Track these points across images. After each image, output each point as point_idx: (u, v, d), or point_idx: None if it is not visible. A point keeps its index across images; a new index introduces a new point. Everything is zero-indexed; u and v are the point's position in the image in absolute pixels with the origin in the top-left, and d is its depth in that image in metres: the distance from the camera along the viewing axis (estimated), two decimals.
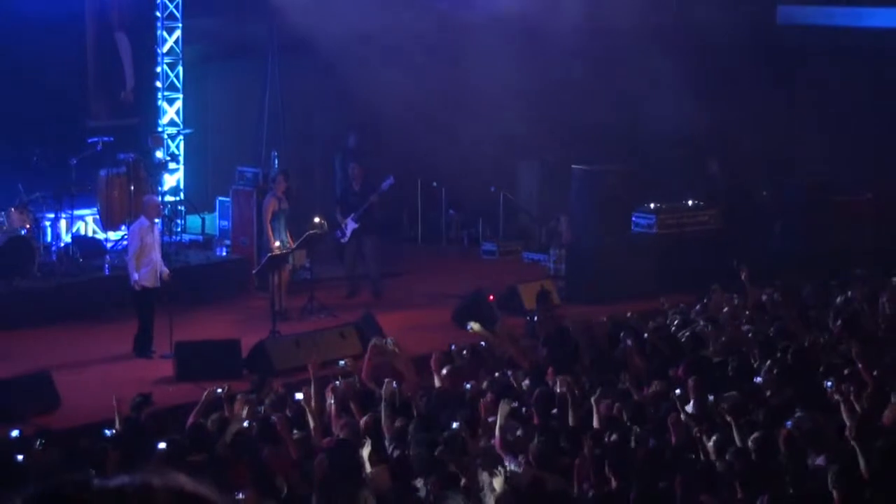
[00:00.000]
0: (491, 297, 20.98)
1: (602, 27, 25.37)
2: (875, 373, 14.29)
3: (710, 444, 12.14)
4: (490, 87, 25.20)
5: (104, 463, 12.16)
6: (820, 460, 11.72)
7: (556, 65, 25.74)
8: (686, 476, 11.30)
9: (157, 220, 19.57)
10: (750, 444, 12.01)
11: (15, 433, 14.07)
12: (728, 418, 12.81)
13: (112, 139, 22.46)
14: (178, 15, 23.67)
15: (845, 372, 14.41)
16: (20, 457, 12.86)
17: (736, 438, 12.20)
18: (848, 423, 12.32)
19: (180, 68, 23.89)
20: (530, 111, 25.27)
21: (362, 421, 13.44)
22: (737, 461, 11.59)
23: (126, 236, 20.28)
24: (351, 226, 22.36)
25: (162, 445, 12.97)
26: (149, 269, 18.80)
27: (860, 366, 14.36)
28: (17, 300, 20.19)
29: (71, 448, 13.11)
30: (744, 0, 26.86)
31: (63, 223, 21.90)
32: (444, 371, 15.42)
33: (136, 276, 18.76)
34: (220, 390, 14.47)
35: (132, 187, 21.92)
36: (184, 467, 12.36)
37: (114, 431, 13.96)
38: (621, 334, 16.97)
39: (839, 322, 16.86)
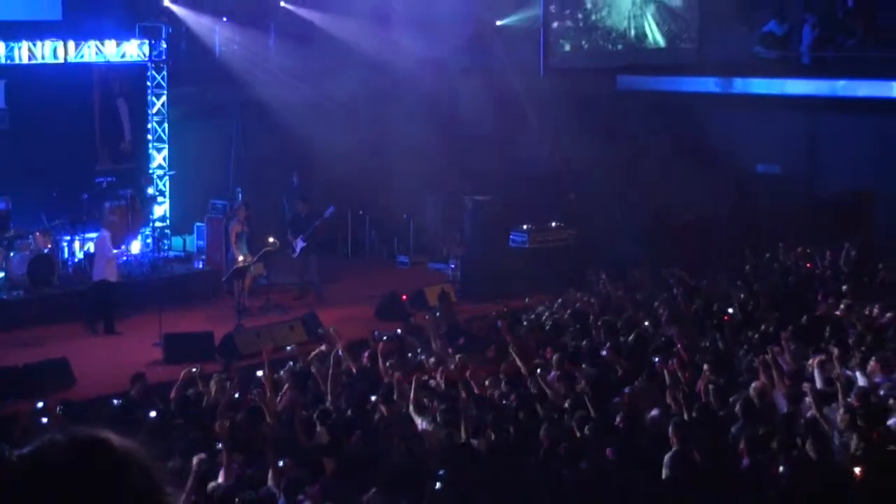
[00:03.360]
0: (404, 297, 21.01)
1: (493, 92, 25.63)
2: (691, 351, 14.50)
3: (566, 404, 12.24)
4: (402, 139, 25.28)
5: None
6: (654, 414, 11.82)
7: (453, 121, 25.88)
8: (551, 429, 11.40)
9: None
10: (599, 404, 12.15)
11: (40, 404, 13.98)
12: (582, 384, 12.94)
13: (114, 179, 22.58)
14: (164, 85, 23.61)
15: (674, 350, 14.56)
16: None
17: (587, 403, 12.32)
18: (670, 389, 12.47)
19: (166, 125, 23.82)
20: (434, 157, 25.33)
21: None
22: (593, 418, 11.70)
23: (95, 245, 20.11)
24: (300, 244, 22.31)
25: (153, 413, 12.89)
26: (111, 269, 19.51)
27: (679, 345, 14.53)
28: (41, 303, 20.01)
29: (82, 416, 13.00)
30: (593, 70, 27.14)
31: (77, 244, 21.71)
32: (367, 353, 15.41)
33: (100, 275, 19.38)
34: (194, 370, 14.39)
35: (130, 216, 22.04)
36: (171, 430, 12.34)
37: (120, 402, 13.92)
38: (497, 323, 17.06)
39: (665, 312, 17.01)
